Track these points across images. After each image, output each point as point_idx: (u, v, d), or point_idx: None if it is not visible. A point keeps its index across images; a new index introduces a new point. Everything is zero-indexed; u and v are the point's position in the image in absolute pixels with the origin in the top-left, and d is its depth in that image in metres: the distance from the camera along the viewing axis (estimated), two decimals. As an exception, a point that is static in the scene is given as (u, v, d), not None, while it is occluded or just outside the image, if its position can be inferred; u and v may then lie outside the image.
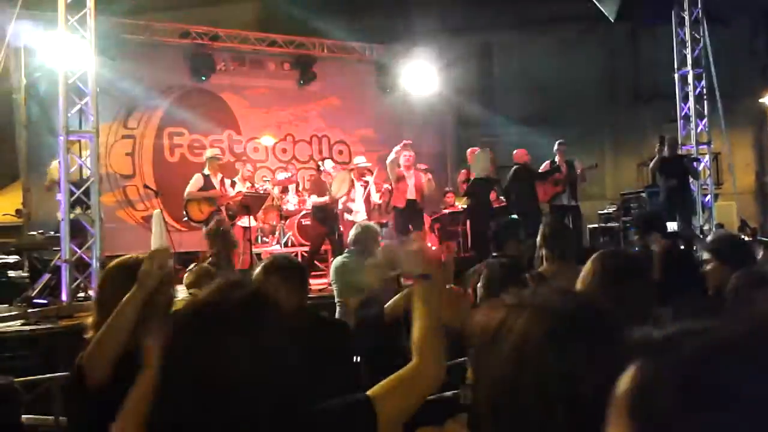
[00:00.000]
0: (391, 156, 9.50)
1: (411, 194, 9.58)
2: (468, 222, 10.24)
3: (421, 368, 1.65)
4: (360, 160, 10.49)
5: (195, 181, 9.20)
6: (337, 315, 5.48)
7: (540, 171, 10.44)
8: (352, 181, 9.88)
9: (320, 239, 9.31)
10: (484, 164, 9.98)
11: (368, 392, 1.59)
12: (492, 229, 5.26)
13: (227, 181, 9.46)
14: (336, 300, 5.67)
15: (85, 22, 7.60)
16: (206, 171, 9.29)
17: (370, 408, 1.54)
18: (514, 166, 10.35)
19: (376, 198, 10.14)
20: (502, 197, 10.82)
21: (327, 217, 9.30)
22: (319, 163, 10.00)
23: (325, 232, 9.23)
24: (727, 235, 4.87)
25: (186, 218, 9.30)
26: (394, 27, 15.33)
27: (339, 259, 5.87)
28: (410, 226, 9.67)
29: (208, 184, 9.18)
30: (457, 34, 17.04)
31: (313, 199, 9.35)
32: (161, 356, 1.38)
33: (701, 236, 9.60)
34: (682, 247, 7.26)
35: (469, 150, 10.31)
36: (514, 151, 10.54)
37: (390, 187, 11.31)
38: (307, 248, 10.00)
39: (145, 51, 11.37)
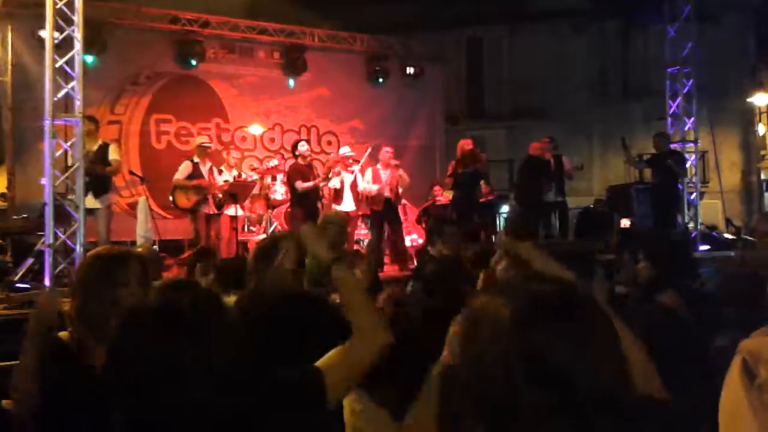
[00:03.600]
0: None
1: (387, 193, 9.61)
2: (453, 214, 10.25)
3: (359, 343, 1.75)
4: (345, 150, 10.46)
5: (184, 168, 9.15)
6: None
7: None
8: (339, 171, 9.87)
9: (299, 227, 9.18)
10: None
11: (317, 363, 1.70)
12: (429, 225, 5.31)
13: (215, 170, 9.43)
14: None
15: (73, 6, 7.53)
16: (195, 159, 9.24)
17: (319, 379, 1.65)
18: (526, 158, 10.37)
19: (363, 186, 10.10)
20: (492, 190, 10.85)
21: (308, 203, 9.23)
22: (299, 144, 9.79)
23: (305, 222, 9.12)
24: None
25: (173, 205, 9.26)
26: (385, 18, 15.30)
27: None
28: (386, 223, 9.68)
29: (196, 172, 9.13)
30: (447, 27, 17.03)
31: (299, 185, 9.24)
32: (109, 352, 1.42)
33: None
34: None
35: (460, 141, 10.29)
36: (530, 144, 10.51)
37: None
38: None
39: (133, 36, 11.29)
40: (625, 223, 10.82)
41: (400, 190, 9.95)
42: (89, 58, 9.67)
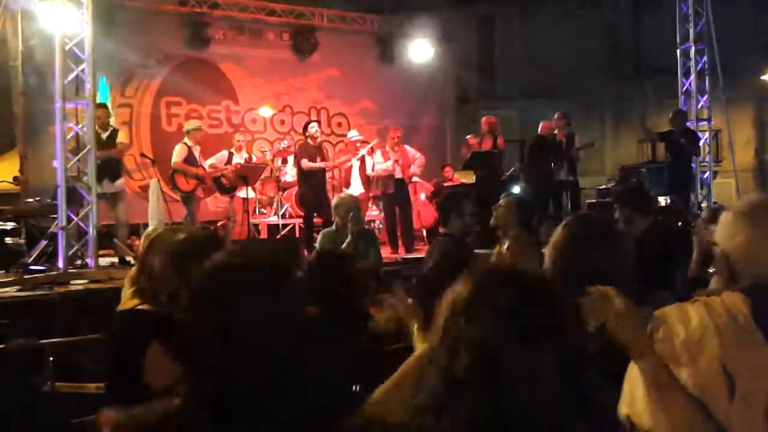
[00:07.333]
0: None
1: (398, 174, 9.56)
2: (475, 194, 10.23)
3: None
4: (353, 134, 10.46)
5: (180, 151, 9.19)
6: None
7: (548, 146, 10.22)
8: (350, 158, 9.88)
9: (310, 208, 9.21)
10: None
11: None
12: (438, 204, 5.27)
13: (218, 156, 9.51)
14: None
15: (82, -12, 7.52)
16: (189, 142, 9.24)
17: None
18: (535, 138, 10.32)
19: (378, 167, 10.08)
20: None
21: (314, 183, 9.24)
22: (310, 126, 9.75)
23: (314, 202, 9.13)
24: None
25: (173, 187, 9.31)
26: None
27: (324, 230, 5.92)
28: (396, 208, 9.67)
29: (190, 155, 9.19)
30: (458, 5, 16.88)
31: (305, 164, 9.24)
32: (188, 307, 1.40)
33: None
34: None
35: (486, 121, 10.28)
36: (540, 123, 10.44)
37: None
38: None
39: (142, 19, 11.26)
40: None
41: (412, 169, 9.87)
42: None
